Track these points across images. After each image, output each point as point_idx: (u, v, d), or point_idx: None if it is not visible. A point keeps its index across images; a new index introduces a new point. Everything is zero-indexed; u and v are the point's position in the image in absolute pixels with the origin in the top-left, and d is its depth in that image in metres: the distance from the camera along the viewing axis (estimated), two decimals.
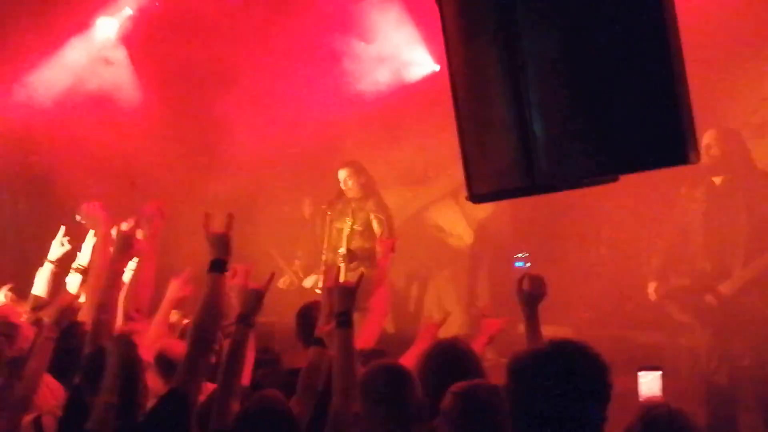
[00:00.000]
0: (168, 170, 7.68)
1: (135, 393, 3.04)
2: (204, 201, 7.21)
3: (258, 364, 4.00)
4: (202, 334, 3.10)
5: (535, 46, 2.57)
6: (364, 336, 4.15)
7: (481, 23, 2.73)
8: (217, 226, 3.37)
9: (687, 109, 2.50)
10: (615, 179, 2.72)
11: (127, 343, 3.05)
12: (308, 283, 7.78)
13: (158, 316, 4.12)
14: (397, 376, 3.07)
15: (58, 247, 5.10)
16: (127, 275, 3.88)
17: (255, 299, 3.34)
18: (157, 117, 7.77)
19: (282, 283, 8.12)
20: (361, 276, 3.41)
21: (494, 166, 2.78)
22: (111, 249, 4.14)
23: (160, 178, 7.57)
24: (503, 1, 2.60)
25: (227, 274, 3.38)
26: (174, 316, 4.35)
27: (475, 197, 2.92)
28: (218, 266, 3.27)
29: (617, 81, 2.48)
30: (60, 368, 3.61)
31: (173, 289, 4.17)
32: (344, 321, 3.18)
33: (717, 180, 5.44)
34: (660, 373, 3.41)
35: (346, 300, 3.23)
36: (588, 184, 2.73)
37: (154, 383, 3.43)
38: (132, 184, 7.35)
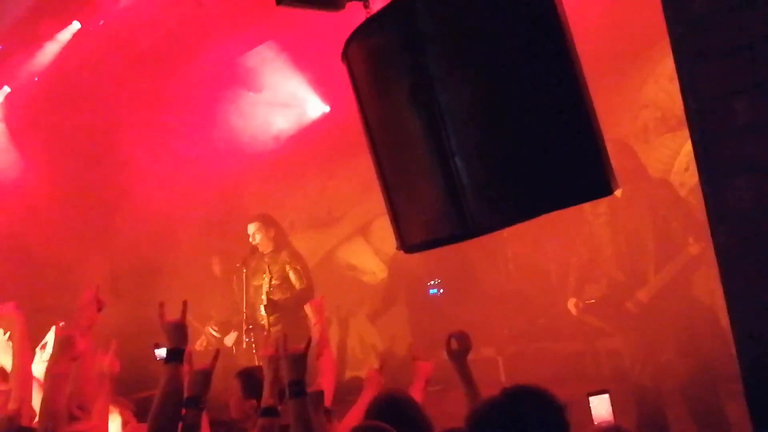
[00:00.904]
0: (66, 246, 7.43)
1: None
2: (108, 274, 7.01)
3: None
4: (162, 426, 3.00)
5: (451, 98, 2.62)
6: None
7: (395, 80, 2.77)
8: (172, 314, 3.29)
9: (602, 140, 2.62)
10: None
11: None
12: (229, 341, 7.65)
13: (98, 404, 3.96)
14: None
15: None
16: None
17: (203, 380, 3.26)
18: (47, 192, 7.52)
19: (199, 345, 7.97)
20: (309, 341, 3.37)
21: (424, 216, 2.82)
22: (28, 348, 3.98)
23: (57, 254, 7.32)
24: (414, 58, 2.66)
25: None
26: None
27: (407, 247, 2.95)
28: (176, 355, 3.17)
29: (534, 121, 2.56)
30: None
31: (104, 367, 4.01)
32: (298, 391, 3.15)
33: (618, 192, 5.67)
34: (608, 395, 3.53)
35: (297, 368, 3.19)
36: (518, 222, 2.81)
37: None
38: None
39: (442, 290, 8.61)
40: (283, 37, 7.43)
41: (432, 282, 8.58)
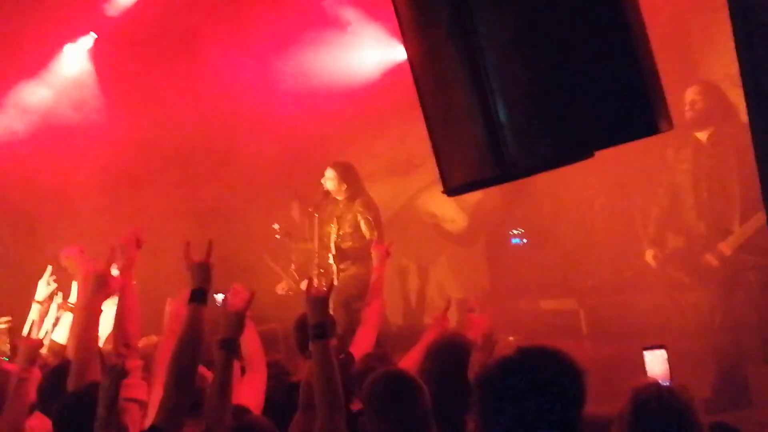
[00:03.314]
0: (152, 188, 7.60)
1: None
2: (190, 216, 7.14)
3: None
4: (181, 369, 2.95)
5: (491, 32, 2.49)
6: (356, 349, 4.08)
7: (435, 14, 2.65)
8: (198, 254, 3.24)
9: (653, 76, 2.44)
10: (590, 155, 2.66)
11: (119, 375, 2.91)
12: (304, 286, 7.70)
13: (163, 343, 4.07)
14: (400, 384, 3.00)
15: (44, 287, 5.09)
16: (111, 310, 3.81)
17: (236, 322, 3.21)
18: (135, 135, 7.67)
19: (280, 288, 8.07)
20: (332, 284, 3.34)
21: (464, 157, 2.71)
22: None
23: (144, 197, 7.50)
24: None
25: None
26: None
27: (450, 190, 2.85)
28: (199, 296, 3.11)
29: (577, 57, 2.41)
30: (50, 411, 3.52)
31: (172, 311, 4.09)
32: (320, 333, 3.08)
33: (702, 136, 5.37)
34: (664, 351, 3.33)
35: (318, 311, 3.13)
36: (561, 165, 2.66)
37: None
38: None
39: (525, 240, 8.43)
40: None
41: (515, 231, 8.41)
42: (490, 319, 4.13)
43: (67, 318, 4.86)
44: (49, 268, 5.14)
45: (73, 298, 4.92)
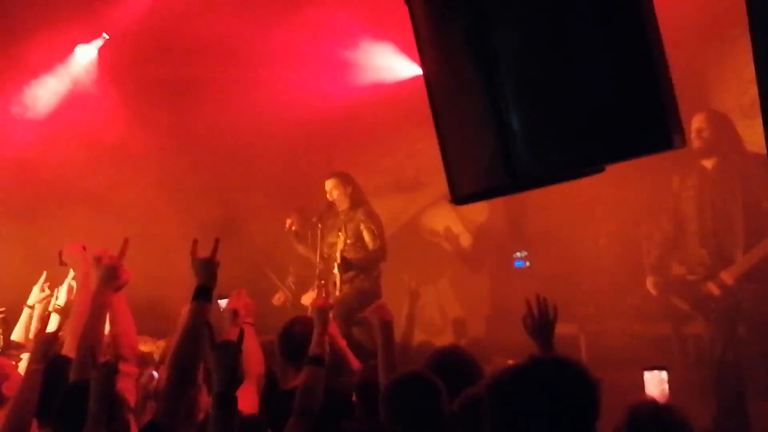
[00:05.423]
0: (153, 196, 7.58)
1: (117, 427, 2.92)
2: (192, 226, 7.11)
3: None
4: (183, 366, 2.91)
5: (507, 41, 2.49)
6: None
7: (452, 22, 2.64)
8: (203, 251, 3.19)
9: (669, 92, 2.41)
10: (601, 170, 2.63)
11: (111, 371, 2.88)
12: (306, 300, 7.69)
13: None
14: (428, 386, 2.99)
15: (37, 293, 5.08)
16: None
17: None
18: (139, 143, 7.66)
19: (277, 300, 8.04)
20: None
21: (475, 166, 2.69)
22: (88, 287, 4.07)
23: (144, 205, 7.48)
24: None
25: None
26: None
27: (458, 199, 2.83)
28: (203, 294, 3.07)
29: (594, 68, 2.39)
30: (43, 402, 3.48)
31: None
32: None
33: (708, 164, 5.37)
34: (665, 372, 3.29)
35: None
36: (571, 178, 2.63)
37: None
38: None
39: (528, 263, 8.37)
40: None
41: (518, 254, 8.35)
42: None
43: (53, 319, 4.81)
44: (44, 275, 5.13)
45: (59, 300, 4.88)
